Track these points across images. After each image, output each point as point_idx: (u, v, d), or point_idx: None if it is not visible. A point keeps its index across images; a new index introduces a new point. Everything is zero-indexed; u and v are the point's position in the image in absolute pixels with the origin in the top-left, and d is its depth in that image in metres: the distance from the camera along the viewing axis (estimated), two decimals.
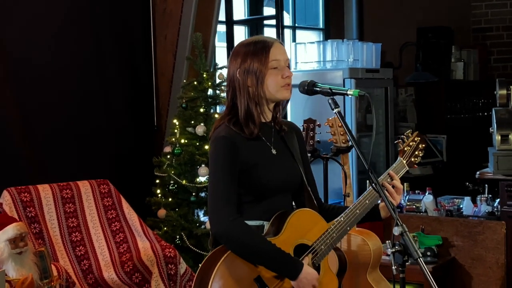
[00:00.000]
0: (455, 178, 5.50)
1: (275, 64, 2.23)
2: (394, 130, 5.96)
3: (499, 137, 3.97)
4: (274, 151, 2.27)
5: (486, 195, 4.45)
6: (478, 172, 4.14)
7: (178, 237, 3.96)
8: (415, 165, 2.45)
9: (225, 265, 2.08)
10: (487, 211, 4.32)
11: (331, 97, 2.20)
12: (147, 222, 3.99)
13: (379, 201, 2.29)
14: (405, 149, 2.44)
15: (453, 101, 6.86)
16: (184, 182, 4.05)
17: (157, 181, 4.20)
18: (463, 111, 6.91)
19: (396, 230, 1.95)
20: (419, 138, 2.46)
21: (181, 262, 3.46)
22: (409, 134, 2.49)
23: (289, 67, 2.28)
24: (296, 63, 6.31)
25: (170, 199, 4.11)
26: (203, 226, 4.09)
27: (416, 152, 2.45)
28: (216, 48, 4.95)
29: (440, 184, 5.62)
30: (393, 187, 2.29)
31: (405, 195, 4.69)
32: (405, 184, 4.82)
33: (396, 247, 1.95)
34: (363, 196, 2.30)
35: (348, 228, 2.28)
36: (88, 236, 3.61)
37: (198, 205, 4.08)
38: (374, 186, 2.05)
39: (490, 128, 4.13)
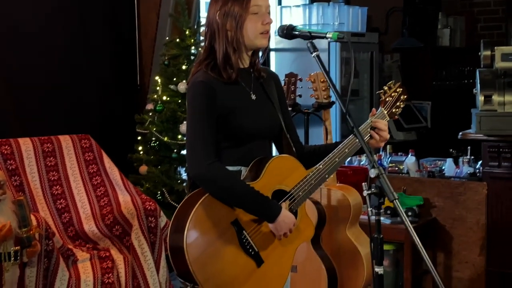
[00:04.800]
0: (439, 144, 5.52)
1: (256, 9, 2.20)
2: (378, 95, 5.95)
3: (483, 98, 3.96)
4: (253, 97, 2.26)
5: (469, 157, 4.47)
6: (460, 133, 4.14)
7: (159, 193, 3.95)
8: (396, 116, 2.44)
9: (202, 207, 2.07)
10: (469, 172, 4.34)
11: (310, 41, 2.17)
12: (129, 179, 3.97)
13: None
14: (387, 99, 2.43)
15: (439, 68, 6.85)
16: (166, 139, 4.04)
17: (139, 138, 4.17)
18: (448, 78, 6.92)
19: (373, 172, 1.94)
20: (401, 89, 2.45)
21: (162, 215, 3.45)
22: (392, 85, 2.47)
23: (269, 14, 2.26)
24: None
25: (151, 156, 4.10)
26: (184, 184, 4.08)
27: (398, 103, 2.44)
28: (201, 5, 4.89)
29: (424, 149, 5.64)
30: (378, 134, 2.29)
31: (387, 156, 4.70)
32: (388, 146, 4.83)
33: (372, 189, 1.95)
34: (343, 144, 2.29)
35: (327, 176, 2.28)
36: (69, 190, 3.59)
37: (179, 162, 4.07)
38: (352, 129, 2.03)
39: (474, 89, 4.12)
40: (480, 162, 4.34)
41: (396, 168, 4.63)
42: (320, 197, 3.33)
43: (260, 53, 2.32)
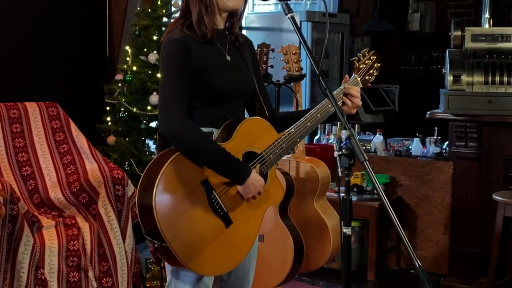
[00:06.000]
0: (406, 128, 5.58)
1: None
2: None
3: (451, 77, 4.01)
4: (228, 58, 2.24)
5: (435, 137, 4.53)
6: (428, 112, 4.19)
7: (127, 163, 3.91)
8: (369, 84, 2.45)
9: (172, 166, 2.05)
10: (435, 152, 4.40)
11: (285, 1, 2.16)
12: (96, 149, 3.91)
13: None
14: (360, 66, 2.44)
15: (408, 52, 6.91)
16: (135, 110, 3.99)
17: (108, 108, 4.12)
18: (417, 63, 6.99)
19: (344, 133, 1.95)
20: (375, 57, 2.45)
21: (129, 184, 3.41)
22: (365, 53, 2.48)
23: None
24: (253, 5, 6.25)
25: (120, 127, 4.05)
26: (153, 156, 4.04)
27: (371, 71, 2.45)
28: None
29: (391, 132, 5.70)
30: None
31: (355, 136, 4.73)
32: (356, 125, 4.86)
33: (343, 150, 1.95)
34: (315, 109, 2.29)
35: (298, 140, 2.28)
36: (35, 157, 3.53)
37: (148, 133, 4.03)
38: (324, 91, 2.03)
39: (443, 69, 4.17)
40: (446, 143, 4.40)
41: (364, 147, 4.67)
42: (289, 169, 3.34)
43: (236, 16, 2.30)
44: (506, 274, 3.88)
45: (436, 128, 4.59)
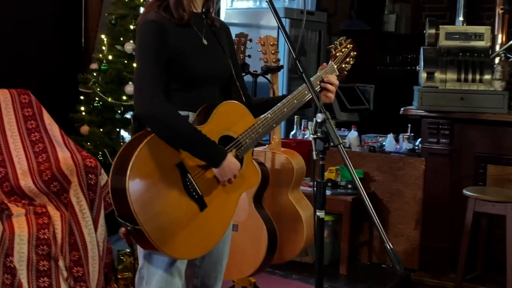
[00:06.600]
0: (380, 127, 5.62)
1: None
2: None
3: (425, 75, 4.05)
4: (205, 42, 2.23)
5: (409, 134, 4.58)
6: (402, 109, 4.22)
7: (100, 153, 3.87)
8: (345, 72, 2.47)
9: (147, 147, 2.03)
10: (408, 148, 4.45)
11: None
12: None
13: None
14: (337, 54, 2.45)
15: (384, 53, 6.97)
16: (109, 99, 3.95)
17: (82, 98, 4.08)
18: (392, 64, 7.05)
19: (319, 117, 1.95)
20: (352, 46, 2.47)
21: (102, 173, 3.38)
22: (342, 41, 2.49)
23: None
24: (232, 1, 6.25)
25: (94, 117, 4.01)
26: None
27: (348, 59, 2.46)
28: None
29: (365, 131, 5.74)
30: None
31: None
32: (332, 121, 4.88)
33: (318, 134, 1.96)
34: (292, 95, 2.30)
35: (274, 125, 2.28)
36: (5, 145, 3.47)
37: (123, 124, 3.99)
38: (301, 74, 2.03)
39: (417, 66, 4.21)
40: (419, 140, 4.44)
41: None
42: (264, 160, 3.34)
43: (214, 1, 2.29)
44: (475, 268, 3.93)
45: (409, 125, 4.64)
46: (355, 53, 2.46)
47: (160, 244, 2.03)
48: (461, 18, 6.00)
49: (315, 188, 1.97)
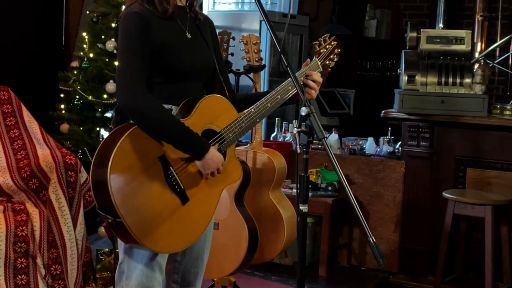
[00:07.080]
0: (360, 131, 5.66)
1: None
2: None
3: (406, 77, 4.08)
4: (188, 35, 2.22)
5: (389, 137, 4.60)
6: (383, 111, 4.25)
7: (80, 151, 3.83)
8: (329, 69, 2.48)
9: (129, 139, 2.01)
10: (388, 151, 4.47)
11: None
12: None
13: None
14: (321, 51, 2.46)
15: (364, 58, 7.01)
16: (90, 98, 3.92)
17: (62, 95, 4.04)
18: (372, 69, 7.10)
19: (304, 111, 1.95)
20: (336, 43, 2.48)
21: (82, 170, 3.34)
22: (326, 38, 2.50)
23: None
24: (214, 3, 6.24)
25: (74, 115, 3.97)
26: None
27: (331, 56, 2.47)
28: None
29: (346, 135, 5.77)
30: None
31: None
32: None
33: (302, 128, 1.96)
34: (275, 91, 2.30)
35: (258, 120, 2.27)
36: None
37: (103, 122, 3.96)
38: (285, 68, 2.04)
39: (398, 69, 4.24)
40: (399, 143, 4.47)
41: (319, 146, 4.70)
42: (246, 159, 3.33)
43: None
44: (454, 271, 3.96)
45: (389, 128, 4.66)
46: (339, 50, 2.47)
47: (141, 237, 2.00)
48: (441, 25, 6.07)
49: (298, 184, 1.97)
